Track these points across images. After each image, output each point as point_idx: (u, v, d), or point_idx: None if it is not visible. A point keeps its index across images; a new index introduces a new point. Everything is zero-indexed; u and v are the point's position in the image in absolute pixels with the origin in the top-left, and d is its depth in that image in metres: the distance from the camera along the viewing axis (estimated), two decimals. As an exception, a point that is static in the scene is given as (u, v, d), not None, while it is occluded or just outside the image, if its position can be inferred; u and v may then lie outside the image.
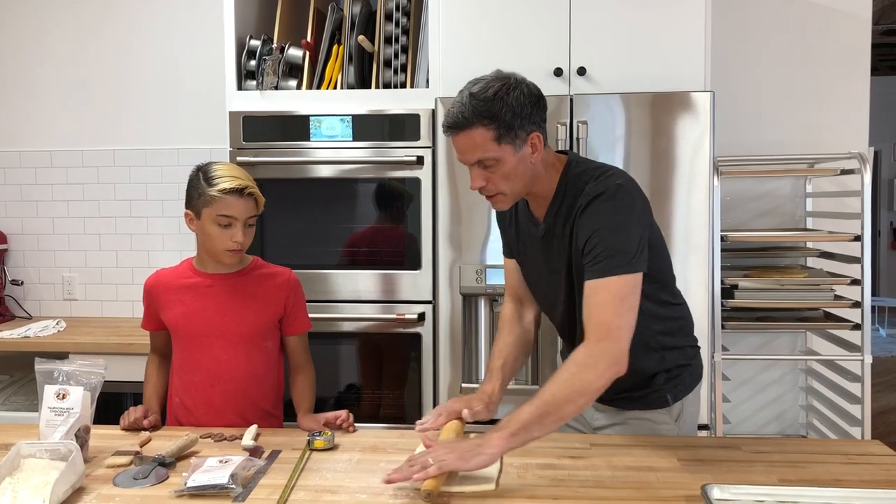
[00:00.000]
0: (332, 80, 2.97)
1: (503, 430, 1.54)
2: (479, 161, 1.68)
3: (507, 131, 1.65)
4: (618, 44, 2.74)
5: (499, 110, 1.64)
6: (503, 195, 1.74)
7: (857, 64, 3.29)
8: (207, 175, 1.97)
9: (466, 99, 1.66)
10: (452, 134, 1.68)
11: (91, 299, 3.62)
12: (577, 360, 1.60)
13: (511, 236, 1.96)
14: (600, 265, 1.64)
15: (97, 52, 3.57)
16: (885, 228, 9.61)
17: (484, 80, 1.68)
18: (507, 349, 1.96)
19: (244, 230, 1.97)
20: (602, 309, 1.62)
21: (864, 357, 2.89)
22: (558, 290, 1.84)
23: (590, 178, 1.74)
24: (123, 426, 1.94)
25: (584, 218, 1.69)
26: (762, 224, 3.32)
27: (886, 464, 1.67)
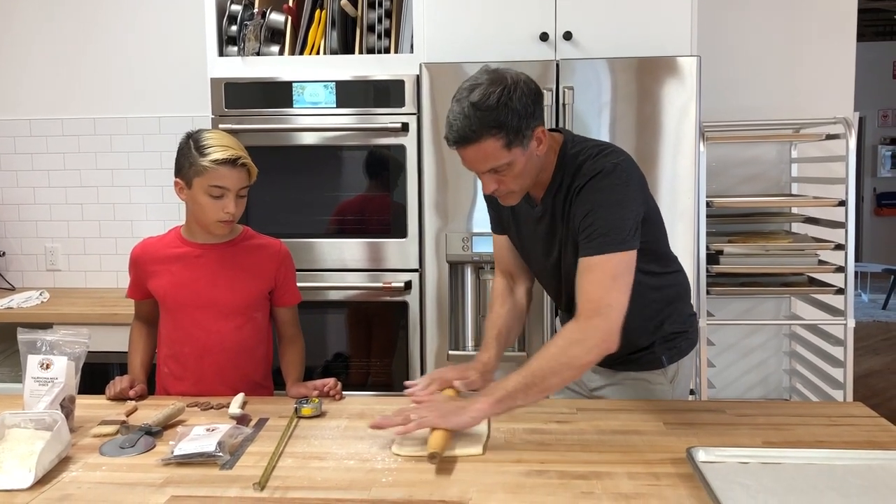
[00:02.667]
0: (315, 46, 2.93)
1: (489, 395, 1.59)
2: (492, 169, 1.66)
3: (515, 136, 1.62)
4: (604, 8, 2.71)
5: (505, 117, 1.59)
6: (514, 192, 1.74)
7: (843, 29, 3.28)
8: (199, 144, 1.92)
9: (469, 110, 1.59)
10: (460, 147, 1.64)
11: (74, 270, 3.59)
12: (566, 336, 1.61)
13: (505, 215, 1.94)
14: (595, 243, 1.64)
15: (75, 19, 3.49)
16: (868, 195, 9.67)
17: (481, 86, 1.61)
18: (500, 320, 1.96)
19: (236, 201, 1.94)
20: (594, 286, 1.62)
21: (847, 321, 2.92)
22: (557, 270, 1.85)
23: (587, 156, 1.73)
24: (109, 396, 1.93)
25: (582, 196, 1.69)
26: (747, 190, 3.33)
27: (868, 425, 1.69)
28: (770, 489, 1.33)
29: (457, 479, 1.43)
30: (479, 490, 1.38)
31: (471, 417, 1.56)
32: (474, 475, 1.44)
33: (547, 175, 1.78)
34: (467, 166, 1.69)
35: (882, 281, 8.22)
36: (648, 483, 1.40)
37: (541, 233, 1.84)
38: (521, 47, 2.73)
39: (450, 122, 1.63)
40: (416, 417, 1.56)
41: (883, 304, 7.80)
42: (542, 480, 1.41)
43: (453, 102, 1.65)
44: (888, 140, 9.67)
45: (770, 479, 1.37)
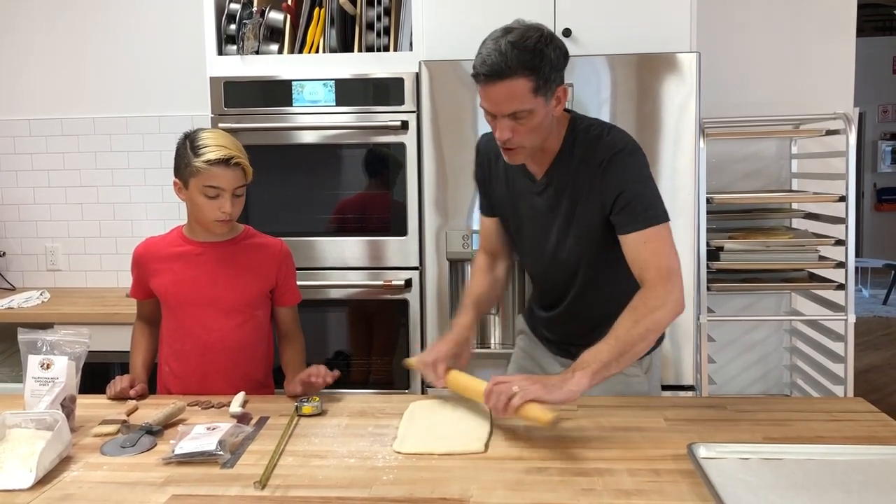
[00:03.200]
0: (314, 44, 2.93)
1: (586, 368, 1.59)
2: (513, 113, 1.66)
3: (544, 83, 1.64)
4: (604, 4, 2.71)
5: (539, 62, 1.62)
6: (523, 148, 1.74)
7: (842, 25, 3.28)
8: (194, 144, 1.92)
9: (506, 47, 1.61)
10: (490, 82, 1.63)
11: (75, 270, 3.59)
12: (646, 303, 1.66)
13: (499, 194, 1.94)
14: (642, 217, 1.72)
15: (74, 19, 3.49)
16: (868, 190, 9.66)
17: (519, 29, 1.65)
18: (478, 289, 2.03)
19: (232, 200, 1.94)
20: (659, 255, 1.70)
21: (848, 317, 2.92)
22: (559, 243, 1.85)
23: (601, 131, 1.78)
24: (110, 396, 1.93)
25: (612, 173, 1.73)
26: (747, 186, 3.33)
27: (868, 421, 1.69)
28: (771, 485, 1.33)
29: (458, 476, 1.43)
30: (480, 487, 1.38)
31: (572, 391, 1.56)
32: (475, 472, 1.44)
33: (553, 146, 1.80)
34: (489, 106, 1.68)
35: (883, 276, 8.21)
36: (649, 479, 1.40)
37: (541, 206, 1.85)
38: (521, 44, 2.72)
39: (482, 57, 1.63)
40: (518, 388, 1.55)
41: (884, 300, 7.80)
42: (542, 477, 1.42)
43: (487, 41, 1.65)
44: (888, 135, 9.66)
45: (771, 474, 1.37)
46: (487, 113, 1.70)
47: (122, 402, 1.90)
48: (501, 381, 1.61)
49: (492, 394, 1.58)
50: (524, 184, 1.87)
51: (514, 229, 1.97)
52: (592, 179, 1.76)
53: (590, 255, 1.84)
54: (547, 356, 2.05)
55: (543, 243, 1.88)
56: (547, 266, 1.92)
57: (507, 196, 1.92)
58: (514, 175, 1.89)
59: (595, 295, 1.89)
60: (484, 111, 1.71)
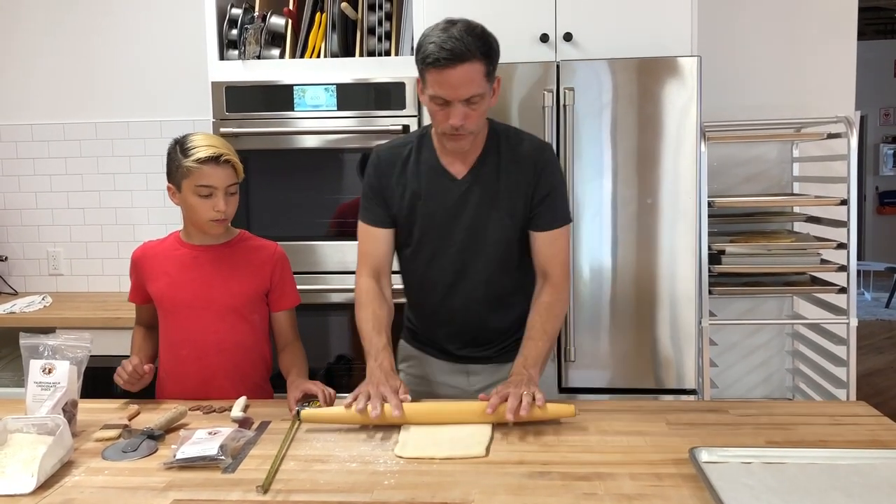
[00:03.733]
0: (316, 49, 2.94)
1: (535, 365, 1.79)
2: (469, 97, 1.72)
3: (492, 70, 1.75)
4: (604, 9, 2.71)
5: (489, 48, 1.73)
6: (471, 134, 1.80)
7: (843, 28, 3.27)
8: (183, 146, 1.95)
9: (460, 34, 1.69)
10: (450, 66, 1.68)
11: (77, 274, 3.60)
12: (559, 299, 1.89)
13: (405, 201, 1.90)
14: (558, 216, 1.90)
15: (76, 24, 3.50)
16: (870, 193, 9.65)
17: (462, 21, 1.73)
18: (382, 322, 1.89)
19: (226, 199, 1.95)
20: (565, 253, 1.93)
21: (850, 320, 2.91)
22: (483, 237, 1.89)
23: (518, 132, 1.93)
24: (124, 381, 1.91)
25: (546, 172, 1.88)
26: (749, 189, 3.32)
27: (871, 424, 1.68)
28: (773, 489, 1.33)
29: (459, 480, 1.42)
30: (482, 492, 1.38)
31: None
32: (476, 477, 1.44)
33: (477, 144, 1.87)
34: (446, 92, 1.71)
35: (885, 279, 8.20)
36: (651, 484, 1.40)
37: (470, 204, 1.88)
38: (522, 49, 2.73)
39: (437, 44, 1.68)
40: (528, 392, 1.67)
41: (886, 303, 7.79)
42: (544, 482, 1.41)
43: (433, 32, 1.72)
44: (890, 138, 9.65)
45: (773, 479, 1.37)
46: (438, 101, 1.74)
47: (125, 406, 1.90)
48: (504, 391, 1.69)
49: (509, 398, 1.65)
50: (443, 184, 1.88)
51: (417, 234, 1.93)
52: (525, 177, 1.86)
53: (508, 249, 1.92)
54: (444, 370, 2.05)
55: (464, 239, 1.89)
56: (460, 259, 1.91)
57: (416, 200, 1.90)
58: (429, 177, 1.89)
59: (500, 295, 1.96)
60: (431, 101, 1.75)
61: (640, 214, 2.65)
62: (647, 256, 2.67)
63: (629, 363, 2.71)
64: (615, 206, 2.66)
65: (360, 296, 1.93)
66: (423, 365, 2.08)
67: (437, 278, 1.96)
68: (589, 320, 2.70)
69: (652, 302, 2.68)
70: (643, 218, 2.65)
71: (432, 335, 2.05)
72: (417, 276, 2.00)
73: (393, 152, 1.94)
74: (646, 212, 2.65)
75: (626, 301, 2.69)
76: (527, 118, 2.64)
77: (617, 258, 2.68)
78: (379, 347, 1.82)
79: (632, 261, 2.67)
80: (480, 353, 2.01)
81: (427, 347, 2.07)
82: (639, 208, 2.65)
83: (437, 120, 1.79)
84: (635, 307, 2.69)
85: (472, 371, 2.03)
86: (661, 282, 2.67)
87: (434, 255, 1.94)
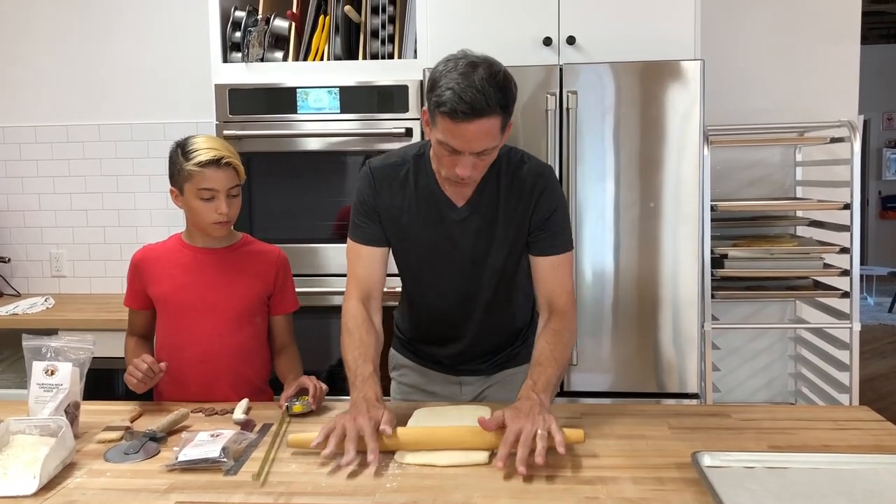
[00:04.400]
0: (319, 52, 2.94)
1: (545, 391, 1.63)
2: (482, 150, 1.62)
3: (508, 118, 1.63)
4: (608, 12, 2.72)
5: (508, 99, 1.61)
6: (475, 181, 1.75)
7: (846, 32, 3.27)
8: (185, 149, 1.95)
9: (482, 84, 1.54)
10: (467, 120, 1.55)
11: (79, 276, 3.60)
12: (567, 327, 1.77)
13: (396, 223, 1.83)
14: (560, 241, 1.81)
15: (80, 26, 3.51)
16: (873, 198, 9.64)
17: (483, 64, 1.58)
18: (371, 350, 1.75)
19: (228, 201, 1.95)
20: (569, 280, 1.83)
21: (853, 325, 2.91)
22: (482, 269, 1.84)
23: (519, 157, 1.82)
24: (138, 379, 1.87)
25: (545, 197, 1.79)
26: (752, 193, 3.32)
27: (874, 429, 1.68)
28: (776, 494, 1.32)
29: (461, 484, 1.42)
30: (484, 495, 1.37)
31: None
32: (478, 480, 1.44)
33: None
34: (459, 144, 1.59)
35: (888, 284, 8.19)
36: (653, 488, 1.39)
37: (470, 232, 1.82)
38: (525, 52, 2.73)
39: (457, 93, 1.54)
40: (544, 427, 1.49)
41: (889, 308, 7.78)
42: (546, 485, 1.41)
43: (453, 75, 1.56)
44: (893, 143, 9.64)
45: (776, 483, 1.36)
46: (447, 149, 1.62)
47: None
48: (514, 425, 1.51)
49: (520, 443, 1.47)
50: (441, 212, 1.81)
51: (414, 260, 1.88)
52: (524, 203, 1.79)
53: (509, 276, 1.87)
54: (436, 381, 2.03)
55: (468, 267, 1.85)
56: (461, 286, 1.87)
57: (415, 225, 1.83)
58: (428, 203, 1.81)
59: (499, 317, 1.93)
60: (440, 146, 1.63)
61: (643, 218, 2.65)
62: (649, 260, 2.66)
63: (631, 367, 2.70)
64: (618, 209, 2.66)
65: (346, 321, 1.79)
66: (414, 374, 2.05)
67: (435, 302, 1.92)
68: (591, 324, 2.70)
69: (654, 306, 2.68)
70: (646, 222, 2.65)
71: (426, 349, 2.02)
72: (415, 297, 1.96)
73: (387, 170, 1.83)
74: (648, 215, 2.65)
75: (629, 305, 2.69)
76: (529, 122, 2.64)
77: (620, 262, 2.67)
78: (364, 376, 1.66)
79: (634, 264, 2.67)
80: (475, 367, 1.99)
81: (419, 358, 2.04)
82: (641, 212, 2.65)
83: (443, 164, 1.68)
84: (638, 311, 2.69)
85: (465, 382, 2.01)
86: (663, 286, 2.67)
87: (433, 281, 1.89)
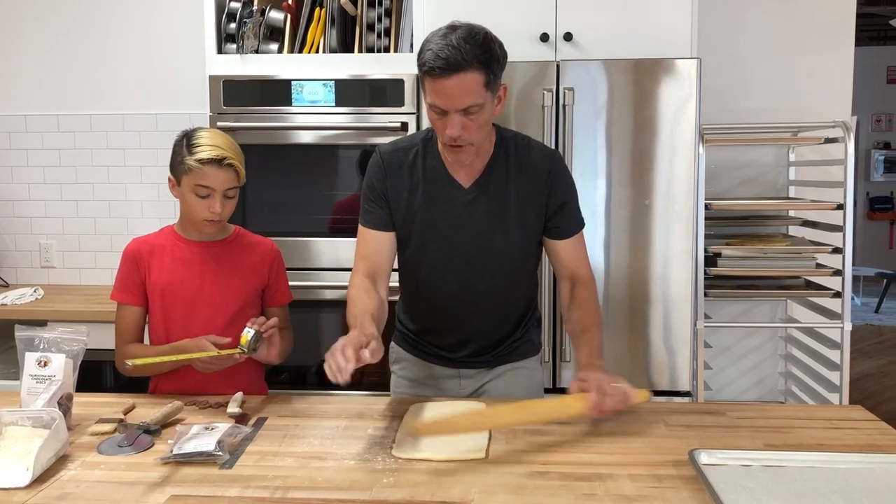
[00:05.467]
0: (314, 44, 2.92)
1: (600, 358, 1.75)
2: (466, 108, 1.67)
3: (493, 79, 1.68)
4: (605, 9, 2.71)
5: (490, 56, 1.66)
6: (471, 146, 1.75)
7: (841, 33, 3.29)
8: (190, 142, 1.92)
9: (458, 41, 1.63)
10: (444, 76, 1.63)
11: (69, 267, 3.57)
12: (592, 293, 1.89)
13: (409, 207, 1.85)
14: (576, 220, 1.91)
15: (72, 14, 3.48)
16: (861, 198, 9.69)
17: (464, 27, 1.68)
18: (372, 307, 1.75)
19: (223, 201, 1.93)
20: (586, 254, 1.93)
21: (844, 325, 2.92)
22: (492, 250, 1.86)
23: (527, 140, 1.88)
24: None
25: (559, 182, 1.85)
26: (744, 192, 3.33)
27: (868, 429, 1.69)
28: (773, 492, 1.33)
29: (458, 479, 1.42)
30: (481, 491, 1.37)
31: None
32: (476, 476, 1.43)
33: (485, 153, 1.83)
34: (442, 102, 1.66)
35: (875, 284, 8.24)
36: (651, 485, 1.40)
37: (478, 214, 1.84)
38: (522, 48, 2.72)
39: (433, 52, 1.64)
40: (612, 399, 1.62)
41: (875, 308, 7.83)
42: (544, 482, 1.41)
43: (433, 38, 1.67)
44: (881, 144, 9.71)
45: (773, 482, 1.37)
46: (436, 110, 1.70)
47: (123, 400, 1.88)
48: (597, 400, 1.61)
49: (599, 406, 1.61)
50: (449, 193, 1.83)
51: (420, 244, 1.88)
52: (536, 187, 1.83)
53: (517, 260, 1.90)
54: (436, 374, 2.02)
55: (475, 249, 1.85)
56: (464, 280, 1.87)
57: (422, 208, 1.85)
58: (434, 184, 1.84)
59: (504, 304, 1.94)
60: (430, 109, 1.71)
61: (637, 215, 2.65)
62: (642, 258, 2.67)
63: (623, 364, 2.71)
64: (613, 206, 2.66)
65: (351, 291, 1.82)
66: (414, 368, 2.05)
67: (439, 288, 1.91)
68: (584, 321, 2.69)
69: (646, 303, 2.68)
70: (639, 219, 2.65)
71: (428, 341, 2.01)
72: (419, 284, 1.95)
73: (397, 155, 1.87)
74: (642, 213, 2.65)
75: (621, 302, 2.69)
76: (526, 118, 2.63)
77: (613, 259, 2.68)
78: (364, 322, 1.66)
79: (627, 262, 2.67)
80: (476, 359, 1.99)
81: (419, 351, 2.04)
82: (635, 209, 2.65)
83: (437, 129, 1.75)
84: (630, 308, 2.69)
85: (465, 375, 2.01)
86: (655, 283, 2.67)
87: (437, 265, 1.89)
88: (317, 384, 2.93)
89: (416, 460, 1.51)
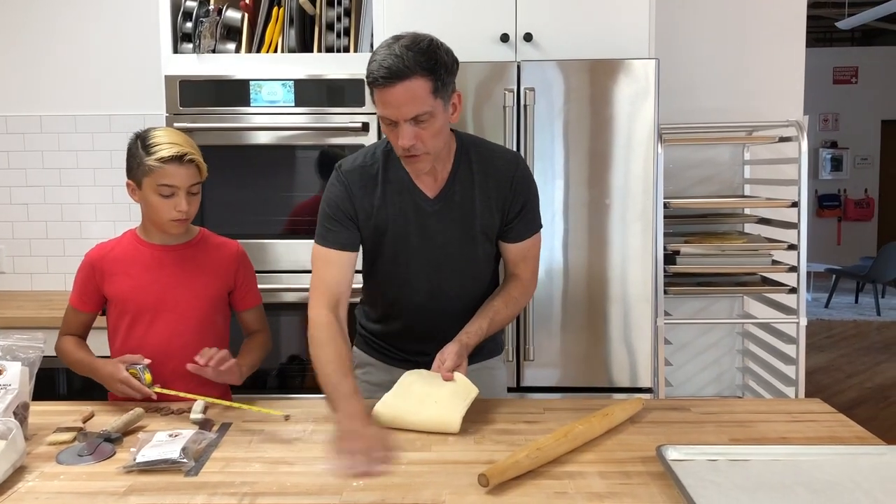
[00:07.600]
0: (273, 44, 2.89)
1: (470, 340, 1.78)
2: (415, 116, 1.64)
3: (441, 86, 1.66)
4: (565, 10, 2.73)
5: (435, 63, 1.64)
6: (427, 155, 1.72)
7: (792, 34, 3.36)
8: (146, 143, 1.88)
9: (401, 50, 1.61)
10: (389, 84, 1.61)
11: (19, 272, 3.47)
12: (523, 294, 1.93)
13: (371, 220, 1.82)
14: (533, 225, 1.89)
15: (21, 11, 3.38)
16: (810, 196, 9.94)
17: (408, 35, 1.66)
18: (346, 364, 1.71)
19: (188, 198, 1.90)
20: (537, 258, 1.94)
21: (800, 319, 2.98)
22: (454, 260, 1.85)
23: (489, 146, 1.89)
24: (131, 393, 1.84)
25: (520, 187, 1.84)
26: (701, 191, 3.38)
27: (828, 421, 1.73)
28: (740, 486, 1.35)
29: (429, 481, 1.41)
30: (452, 492, 1.36)
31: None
32: (446, 477, 1.43)
33: (448, 161, 1.81)
34: (390, 112, 1.64)
35: (824, 280, 8.45)
36: (620, 482, 1.41)
37: (445, 223, 1.82)
38: (482, 48, 2.73)
39: (377, 62, 1.62)
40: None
41: (826, 303, 8.02)
42: (514, 482, 1.41)
43: (379, 50, 1.66)
44: (829, 143, 9.97)
45: (739, 476, 1.39)
46: (386, 121, 1.67)
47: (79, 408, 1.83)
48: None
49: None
50: (416, 205, 1.81)
51: (389, 256, 1.85)
52: (500, 192, 1.83)
53: (483, 264, 1.91)
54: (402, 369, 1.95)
55: (438, 259, 1.84)
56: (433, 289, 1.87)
57: (392, 223, 1.82)
58: (402, 196, 1.81)
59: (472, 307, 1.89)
60: (382, 121, 1.68)
61: (596, 215, 2.67)
62: (602, 256, 2.69)
63: (583, 362, 2.72)
64: (572, 206, 2.67)
65: (317, 332, 1.74)
66: (380, 372, 2.01)
67: (409, 298, 1.89)
68: (544, 319, 2.71)
69: (606, 302, 2.70)
70: (599, 218, 2.67)
71: (394, 346, 1.99)
72: (386, 295, 1.93)
73: (359, 171, 1.82)
74: (602, 212, 2.67)
75: (581, 301, 2.71)
76: (486, 118, 2.63)
77: (573, 258, 2.69)
78: (347, 393, 1.62)
79: (587, 261, 2.69)
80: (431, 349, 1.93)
81: (383, 356, 2.01)
82: (595, 209, 2.67)
83: (391, 140, 1.72)
84: (590, 307, 2.71)
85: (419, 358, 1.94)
86: (615, 282, 2.69)
87: (410, 277, 1.87)
88: (277, 388, 2.90)
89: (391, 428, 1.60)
